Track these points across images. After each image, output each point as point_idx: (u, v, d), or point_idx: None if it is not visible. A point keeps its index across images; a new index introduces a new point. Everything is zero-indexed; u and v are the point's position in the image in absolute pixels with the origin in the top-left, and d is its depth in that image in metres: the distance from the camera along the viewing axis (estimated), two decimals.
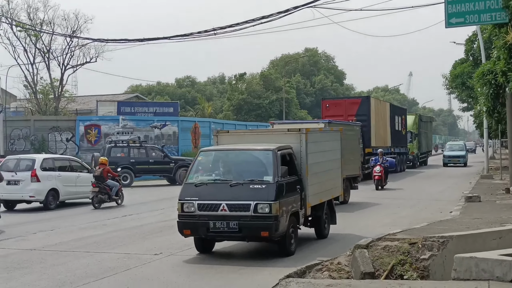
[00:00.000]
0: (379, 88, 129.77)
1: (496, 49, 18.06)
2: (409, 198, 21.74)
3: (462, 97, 45.95)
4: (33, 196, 19.77)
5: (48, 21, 44.77)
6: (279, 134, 12.79)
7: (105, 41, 33.81)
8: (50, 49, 44.87)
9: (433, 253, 10.42)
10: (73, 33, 44.42)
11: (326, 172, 13.49)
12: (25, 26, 43.40)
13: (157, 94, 74.64)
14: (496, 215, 14.23)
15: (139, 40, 29.05)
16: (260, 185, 10.80)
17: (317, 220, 12.99)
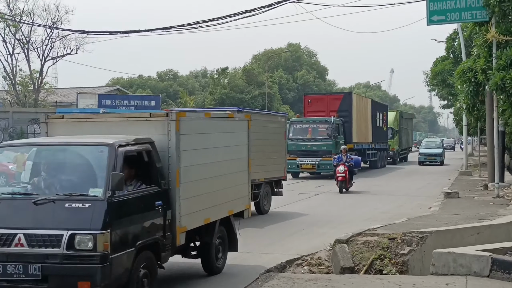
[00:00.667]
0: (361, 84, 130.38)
1: (477, 47, 18.23)
2: (389, 194, 21.87)
3: (443, 94, 46.27)
4: None
5: (28, 11, 44.10)
6: (138, 121, 8.55)
7: (86, 33, 33.65)
8: (29, 40, 44.28)
9: (412, 248, 10.52)
10: (54, 24, 43.89)
11: (219, 178, 9.56)
12: (4, 16, 42.84)
13: (139, 88, 74.34)
14: (474, 211, 14.38)
15: (121, 32, 28.88)
16: (82, 203, 6.87)
17: (205, 249, 9.31)
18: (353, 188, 22.98)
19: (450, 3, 18.54)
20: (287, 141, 29.50)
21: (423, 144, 46.26)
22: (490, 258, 8.25)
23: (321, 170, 28.89)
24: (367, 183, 26.30)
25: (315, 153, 28.40)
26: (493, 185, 19.00)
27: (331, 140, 28.37)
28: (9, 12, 43.57)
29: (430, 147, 43.93)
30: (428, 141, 48.19)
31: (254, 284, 8.60)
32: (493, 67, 15.94)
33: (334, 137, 28.49)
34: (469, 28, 23.89)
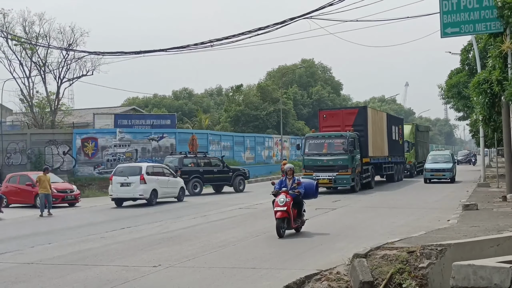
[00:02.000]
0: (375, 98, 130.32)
1: (492, 58, 18.21)
2: (407, 207, 21.74)
3: (458, 106, 46.06)
4: (142, 194, 25.24)
5: (44, 34, 44.68)
6: None
7: (102, 54, 33.89)
8: (46, 63, 44.81)
9: (431, 261, 10.44)
10: (69, 46, 44.36)
11: None
12: (20, 39, 43.43)
13: (154, 107, 74.83)
14: (493, 222, 14.26)
15: (136, 52, 29.13)
16: None
17: None
18: (369, 203, 22.56)
19: (464, 15, 18.58)
20: (304, 156, 29.64)
21: (429, 158, 38.84)
22: (511, 270, 8.18)
23: (338, 184, 28.93)
24: (384, 197, 26.22)
25: (331, 168, 28.39)
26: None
27: (347, 154, 28.33)
28: (25, 36, 44.18)
29: (437, 161, 37.35)
30: (435, 155, 40.04)
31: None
32: (508, 78, 15.90)
33: (350, 151, 28.44)
34: (484, 39, 23.88)
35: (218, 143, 44.97)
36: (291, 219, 14.84)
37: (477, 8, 18.40)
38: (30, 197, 25.51)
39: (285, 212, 14.66)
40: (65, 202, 26.12)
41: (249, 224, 17.76)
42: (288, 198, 14.84)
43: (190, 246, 13.65)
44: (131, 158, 36.77)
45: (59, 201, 25.64)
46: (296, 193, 15.14)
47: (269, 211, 20.87)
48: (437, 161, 37.20)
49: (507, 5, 15.41)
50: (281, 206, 14.72)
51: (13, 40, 43.12)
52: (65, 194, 26.23)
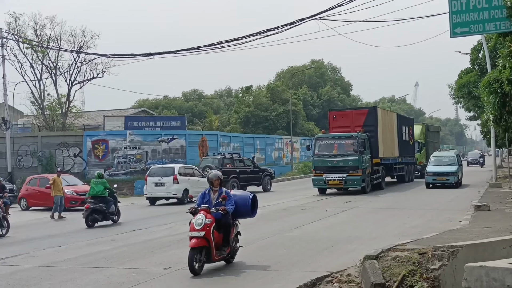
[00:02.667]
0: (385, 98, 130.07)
1: (502, 58, 18.07)
2: (418, 208, 21.64)
3: (469, 106, 45.88)
4: (175, 194, 26.93)
5: (55, 37, 44.87)
6: None
7: (112, 56, 34.08)
8: (57, 65, 45.01)
9: (443, 263, 10.37)
10: (80, 49, 44.54)
11: None
12: (31, 42, 43.63)
13: (164, 108, 74.94)
14: (505, 223, 14.18)
15: (146, 54, 29.24)
16: None
17: None
18: (380, 204, 22.95)
19: (473, 15, 18.45)
20: (313, 157, 29.54)
21: (431, 160, 34.37)
22: None
23: (348, 185, 28.82)
24: (395, 198, 26.12)
25: (341, 169, 28.25)
26: None
27: (358, 155, 28.20)
28: (36, 39, 44.38)
29: (440, 163, 33.24)
30: (438, 156, 35.22)
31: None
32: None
33: (361, 152, 28.30)
34: (494, 39, 23.75)
35: (228, 144, 44.98)
36: (211, 248, 10.77)
37: (487, 7, 18.27)
38: (50, 199, 24.72)
39: (203, 239, 10.66)
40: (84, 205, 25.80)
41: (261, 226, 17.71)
42: (209, 218, 10.82)
43: None
44: (141, 160, 36.86)
45: (78, 204, 25.36)
46: (222, 212, 11.14)
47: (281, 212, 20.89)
48: (440, 163, 33.09)
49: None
50: (197, 230, 10.68)
51: (25, 43, 43.30)
52: (84, 197, 24.92)
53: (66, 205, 24.31)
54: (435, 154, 35.69)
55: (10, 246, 15.29)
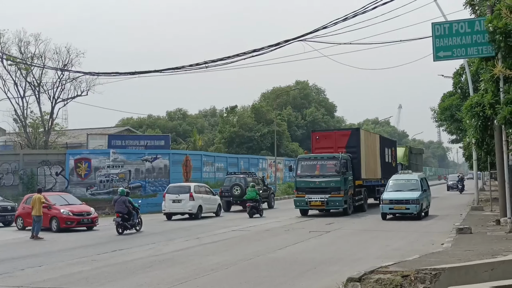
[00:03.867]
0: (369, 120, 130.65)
1: (484, 82, 18.29)
2: (400, 230, 21.67)
3: (451, 129, 46.08)
4: (191, 210, 29.00)
5: (39, 54, 44.74)
6: None
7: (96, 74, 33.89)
8: (40, 83, 44.85)
9: (425, 285, 10.36)
10: (64, 66, 44.36)
11: None
12: (15, 59, 43.44)
13: (148, 127, 74.75)
14: (487, 246, 14.22)
15: (131, 73, 29.19)
16: None
17: None
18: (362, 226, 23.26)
19: (456, 39, 18.69)
20: (296, 178, 29.52)
21: (389, 184, 28.12)
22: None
23: (330, 207, 28.59)
24: (378, 220, 26.08)
25: (324, 190, 28.09)
26: (505, 220, 18.82)
27: (340, 176, 28.12)
28: (21, 56, 44.17)
29: (400, 189, 27.06)
30: (397, 180, 28.62)
31: None
32: (501, 101, 15.95)
33: (343, 173, 28.25)
34: (476, 63, 24.00)
35: (212, 164, 44.87)
36: None
37: (469, 32, 18.51)
38: (45, 219, 23.70)
39: None
40: (81, 226, 24.81)
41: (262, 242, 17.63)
42: None
43: (183, 269, 13.53)
44: (124, 179, 36.59)
45: (74, 224, 24.54)
46: None
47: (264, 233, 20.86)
48: (399, 189, 27.06)
49: (498, 30, 15.51)
50: None
51: (8, 60, 43.13)
52: (81, 217, 24.74)
53: (62, 225, 24.05)
54: (394, 178, 29.21)
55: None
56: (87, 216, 25.04)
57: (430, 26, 19.22)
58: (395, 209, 26.01)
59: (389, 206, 25.90)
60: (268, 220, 26.97)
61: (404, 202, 25.71)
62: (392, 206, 25.90)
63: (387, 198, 26.22)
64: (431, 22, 19.35)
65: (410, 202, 25.61)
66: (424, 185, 28.11)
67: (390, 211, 26.05)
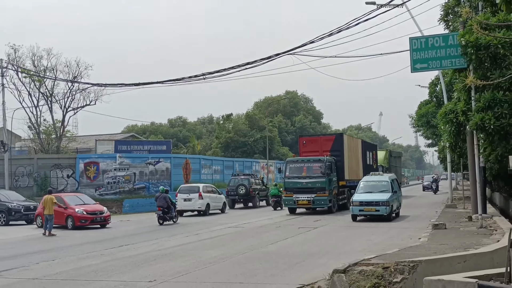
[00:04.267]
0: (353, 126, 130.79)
1: (457, 91, 18.39)
2: (381, 227, 21.68)
3: (427, 134, 46.29)
4: (200, 207, 29.95)
5: (51, 67, 44.76)
6: None
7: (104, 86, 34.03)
8: (52, 93, 44.81)
9: (404, 276, 10.39)
10: (74, 78, 44.44)
11: None
12: (29, 72, 43.43)
13: (151, 133, 74.61)
14: (460, 241, 14.26)
15: (135, 84, 29.26)
16: None
17: None
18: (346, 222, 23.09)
19: (431, 52, 18.77)
20: (284, 179, 29.48)
21: (359, 186, 25.99)
22: (477, 285, 8.14)
23: (316, 205, 28.56)
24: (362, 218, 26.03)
25: (310, 190, 28.01)
26: (476, 216, 18.87)
27: (325, 177, 28.05)
28: (34, 69, 44.15)
29: (370, 190, 25.14)
30: (368, 181, 26.42)
31: None
32: (472, 109, 16.02)
33: (327, 174, 28.18)
34: (450, 74, 24.11)
35: (210, 167, 44.83)
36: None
37: (443, 46, 18.60)
38: (62, 218, 23.84)
39: None
40: (95, 224, 24.49)
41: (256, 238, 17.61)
42: None
43: (183, 262, 13.51)
44: (129, 181, 36.52)
45: (88, 222, 24.21)
46: None
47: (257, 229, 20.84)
48: (370, 190, 25.09)
49: (470, 44, 15.59)
50: None
51: (23, 73, 43.10)
52: (94, 216, 24.46)
53: (76, 223, 23.82)
54: (365, 179, 26.86)
55: (6, 260, 14.99)
56: (100, 215, 24.66)
57: (408, 41, 19.31)
58: (365, 211, 23.81)
59: (359, 208, 23.82)
60: (261, 218, 26.95)
61: (374, 204, 23.69)
62: (362, 208, 23.77)
63: (357, 200, 24.13)
64: (409, 37, 19.43)
65: (380, 204, 23.55)
66: (395, 186, 25.95)
67: (360, 212, 23.92)
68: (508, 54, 15.35)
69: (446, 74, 27.07)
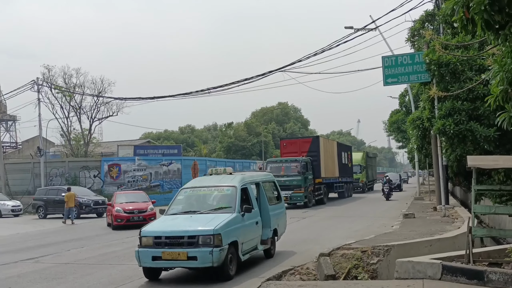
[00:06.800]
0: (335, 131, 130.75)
1: (422, 101, 18.42)
2: (360, 217, 21.68)
3: (398, 138, 46.33)
4: None
5: (80, 84, 45.00)
6: None
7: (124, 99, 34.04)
8: (81, 106, 44.99)
9: (379, 258, 10.40)
10: (99, 93, 44.61)
11: None
12: (61, 88, 43.49)
13: (165, 139, 74.57)
14: (427, 228, 14.26)
15: (150, 98, 29.37)
16: None
17: None
18: (331, 213, 22.78)
19: (400, 69, 18.79)
20: None
21: (174, 201, 11.09)
22: (441, 265, 8.16)
23: (293, 201, 27.15)
24: (342, 209, 26.07)
25: (287, 187, 26.53)
26: (440, 207, 18.89)
27: (301, 176, 27.10)
28: (65, 85, 44.25)
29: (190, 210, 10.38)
30: (194, 188, 11.28)
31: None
32: (435, 116, 16.05)
33: (303, 173, 27.21)
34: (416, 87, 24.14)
35: (215, 167, 44.77)
36: None
37: (411, 63, 18.63)
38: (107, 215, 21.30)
39: None
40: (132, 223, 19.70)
41: None
42: None
43: None
44: (146, 179, 36.42)
45: (123, 222, 19.77)
46: None
47: None
48: (190, 210, 10.45)
49: (433, 62, 15.63)
50: None
51: (56, 89, 43.15)
52: (131, 215, 20.08)
53: (114, 223, 19.79)
54: (190, 185, 11.68)
55: (42, 248, 14.94)
56: (138, 214, 20.17)
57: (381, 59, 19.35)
58: (163, 260, 9.19)
59: (152, 252, 9.24)
60: None
61: (177, 245, 9.16)
62: (160, 251, 9.18)
63: (150, 233, 9.53)
64: (382, 56, 19.46)
65: (197, 243, 9.10)
66: (263, 197, 11.87)
67: (156, 265, 9.37)
68: (465, 70, 15.40)
69: (414, 87, 27.11)
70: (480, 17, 5.56)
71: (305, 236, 15.48)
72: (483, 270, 7.79)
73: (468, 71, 15.36)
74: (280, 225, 12.54)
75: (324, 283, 9.04)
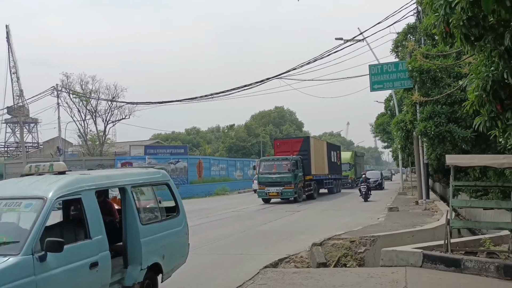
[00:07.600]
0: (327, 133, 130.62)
1: (405, 106, 18.44)
2: (348, 210, 21.65)
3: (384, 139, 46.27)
4: None
5: (95, 90, 45.00)
6: None
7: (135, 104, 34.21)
8: (96, 110, 45.02)
9: (366, 248, 10.39)
10: (113, 98, 44.65)
11: None
12: (78, 94, 43.48)
13: (172, 140, 74.44)
14: (409, 220, 14.26)
15: (159, 102, 29.44)
16: None
17: None
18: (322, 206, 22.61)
19: (385, 76, 18.83)
20: (258, 175, 27.65)
21: None
22: (422, 254, 8.15)
23: (284, 196, 26.72)
24: (333, 203, 25.96)
25: (279, 184, 26.35)
26: (421, 201, 18.90)
27: (291, 173, 26.50)
28: (82, 91, 44.23)
29: None
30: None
31: (255, 277, 8.44)
32: (417, 119, 16.05)
33: (293, 170, 26.64)
34: (400, 92, 24.14)
35: (217, 165, 44.69)
36: None
37: (395, 71, 18.65)
38: None
39: None
40: None
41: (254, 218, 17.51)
42: None
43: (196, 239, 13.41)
44: None
45: None
46: None
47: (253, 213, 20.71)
48: None
49: (415, 69, 15.64)
50: None
51: (73, 94, 43.17)
52: None
53: None
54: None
55: None
56: None
57: (368, 67, 19.36)
58: None
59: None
60: (256, 204, 26.81)
61: None
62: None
63: None
64: (369, 64, 19.49)
65: None
66: (129, 213, 6.38)
67: None
68: (444, 77, 15.42)
69: (398, 93, 27.06)
70: (459, 31, 5.58)
71: (299, 227, 15.45)
72: (460, 259, 7.79)
73: (447, 78, 15.38)
74: (172, 255, 7.07)
75: (316, 270, 9.04)
